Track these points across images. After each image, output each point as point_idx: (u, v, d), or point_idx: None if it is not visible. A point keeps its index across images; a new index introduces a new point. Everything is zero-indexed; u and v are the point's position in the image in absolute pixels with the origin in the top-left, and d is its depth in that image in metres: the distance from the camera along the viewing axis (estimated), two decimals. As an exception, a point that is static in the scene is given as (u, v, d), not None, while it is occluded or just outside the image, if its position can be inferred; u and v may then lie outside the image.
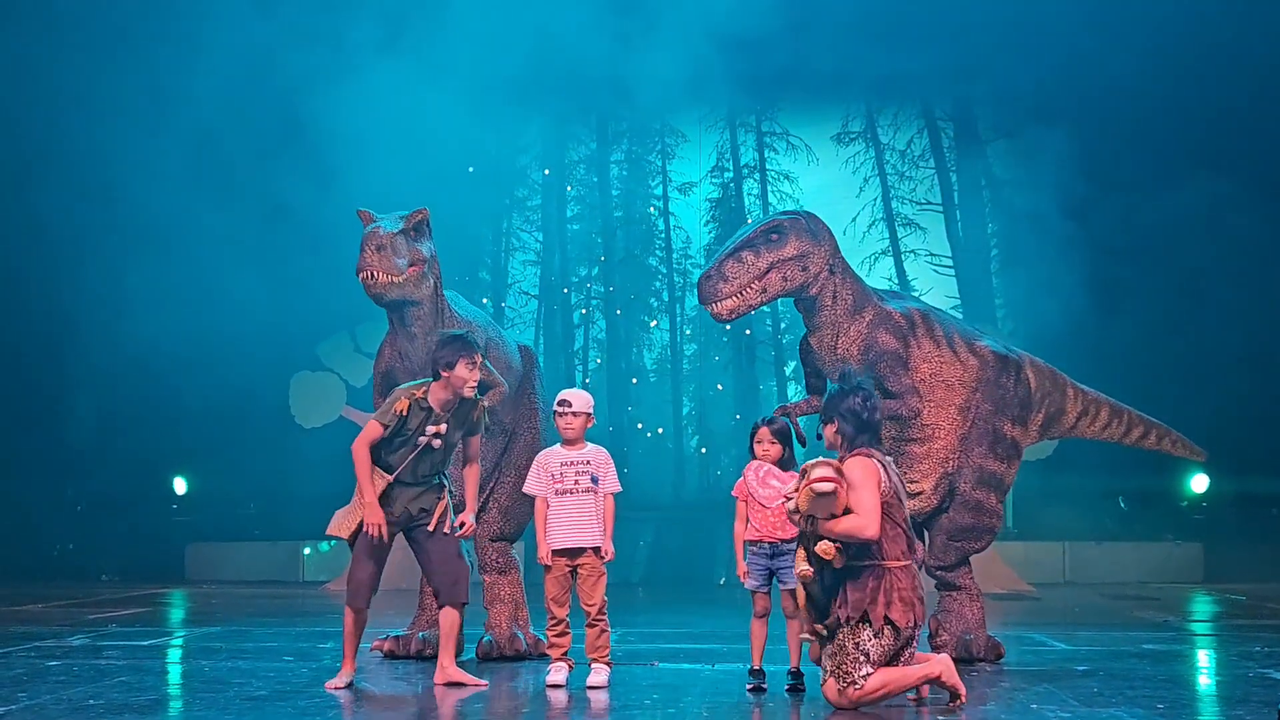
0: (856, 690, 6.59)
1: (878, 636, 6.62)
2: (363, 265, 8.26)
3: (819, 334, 8.79)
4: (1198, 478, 18.73)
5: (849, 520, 6.59)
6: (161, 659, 9.17)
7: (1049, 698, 6.94)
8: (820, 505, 6.58)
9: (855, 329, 8.72)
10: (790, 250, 8.55)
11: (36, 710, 6.56)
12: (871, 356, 8.65)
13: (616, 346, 21.91)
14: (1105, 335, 18.64)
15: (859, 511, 6.60)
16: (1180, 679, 8.27)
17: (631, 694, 7.21)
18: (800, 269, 8.58)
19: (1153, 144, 17.61)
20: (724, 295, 8.46)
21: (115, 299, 17.26)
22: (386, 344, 9.00)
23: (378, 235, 8.31)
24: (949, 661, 6.77)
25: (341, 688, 7.41)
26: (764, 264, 8.48)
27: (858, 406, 6.95)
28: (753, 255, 8.48)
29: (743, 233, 8.72)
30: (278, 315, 17.28)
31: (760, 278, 8.48)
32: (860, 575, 6.70)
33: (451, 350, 7.56)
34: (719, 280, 8.47)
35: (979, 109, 20.99)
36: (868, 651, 6.61)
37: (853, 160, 21.72)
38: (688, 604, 14.10)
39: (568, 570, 7.67)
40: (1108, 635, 10.47)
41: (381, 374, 8.96)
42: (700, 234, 22.23)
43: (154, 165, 17.10)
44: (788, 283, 8.56)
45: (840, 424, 6.95)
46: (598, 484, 7.71)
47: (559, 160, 22.41)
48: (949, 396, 8.78)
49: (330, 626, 11.37)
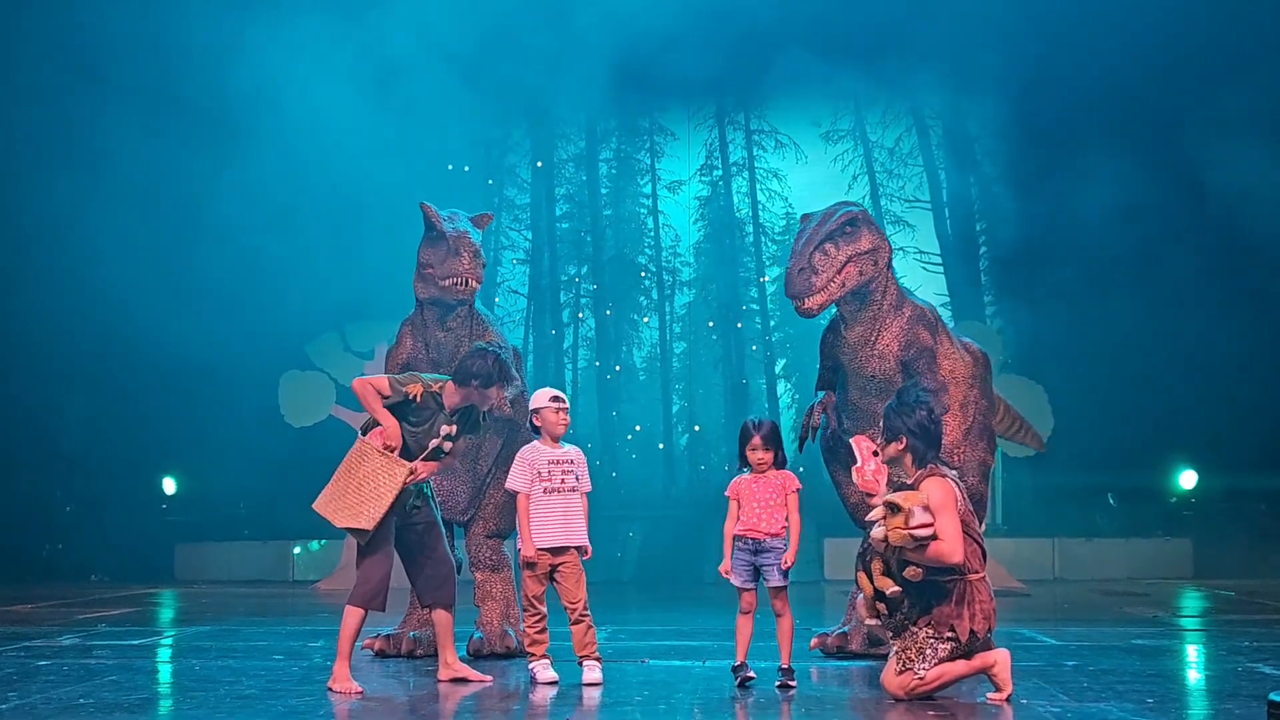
0: (918, 681, 6.68)
1: (951, 642, 6.70)
2: (458, 271, 8.38)
3: (859, 328, 8.71)
4: (1186, 474, 18.81)
5: (936, 548, 6.61)
6: (152, 658, 9.17)
7: (1038, 692, 6.95)
8: (912, 544, 6.59)
9: (898, 324, 8.69)
10: (865, 244, 8.53)
11: (27, 710, 6.55)
12: (912, 353, 8.64)
13: (606, 345, 21.94)
14: (1094, 333, 18.71)
15: (944, 537, 6.61)
16: (1169, 673, 8.29)
17: (622, 690, 7.21)
18: (872, 263, 8.56)
19: (1145, 139, 17.61)
20: (816, 289, 8.36)
21: (106, 300, 17.23)
22: (408, 334, 9.04)
23: (473, 242, 8.53)
24: (1007, 656, 6.80)
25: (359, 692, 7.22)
26: (843, 257, 8.43)
27: (926, 421, 6.96)
28: (834, 248, 8.43)
29: (815, 223, 8.60)
30: (267, 314, 17.27)
31: (840, 271, 8.43)
32: (942, 589, 6.75)
33: (494, 372, 7.53)
34: (811, 273, 8.36)
35: (968, 106, 21.01)
36: (939, 652, 6.70)
37: (841, 158, 21.80)
38: (678, 601, 14.12)
39: (549, 568, 7.67)
40: (1097, 631, 10.49)
41: (401, 364, 8.99)
42: (690, 232, 22.29)
43: (151, 159, 17.12)
44: (861, 276, 8.52)
45: (910, 441, 6.93)
46: (579, 483, 7.72)
47: (548, 159, 22.42)
48: (955, 393, 8.78)
49: (320, 625, 11.37)
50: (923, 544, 6.58)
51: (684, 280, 22.39)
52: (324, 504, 7.44)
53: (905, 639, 6.79)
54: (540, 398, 7.78)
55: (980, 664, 6.77)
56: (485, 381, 7.50)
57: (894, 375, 8.69)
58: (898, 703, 6.67)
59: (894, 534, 6.59)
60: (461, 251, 8.39)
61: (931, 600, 6.75)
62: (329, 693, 7.16)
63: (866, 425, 8.80)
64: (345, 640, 7.37)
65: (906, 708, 6.54)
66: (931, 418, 6.99)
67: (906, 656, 6.74)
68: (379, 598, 7.42)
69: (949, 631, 6.71)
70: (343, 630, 7.39)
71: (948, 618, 6.72)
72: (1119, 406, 18.53)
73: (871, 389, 8.75)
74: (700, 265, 22.34)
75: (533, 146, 22.50)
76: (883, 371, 8.68)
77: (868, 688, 7.35)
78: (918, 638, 6.75)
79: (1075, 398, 18.27)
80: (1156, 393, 18.26)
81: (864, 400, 8.82)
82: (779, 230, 22.18)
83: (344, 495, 7.38)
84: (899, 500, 6.62)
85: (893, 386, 8.68)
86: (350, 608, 7.41)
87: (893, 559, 6.74)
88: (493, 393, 7.57)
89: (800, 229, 8.73)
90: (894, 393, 8.66)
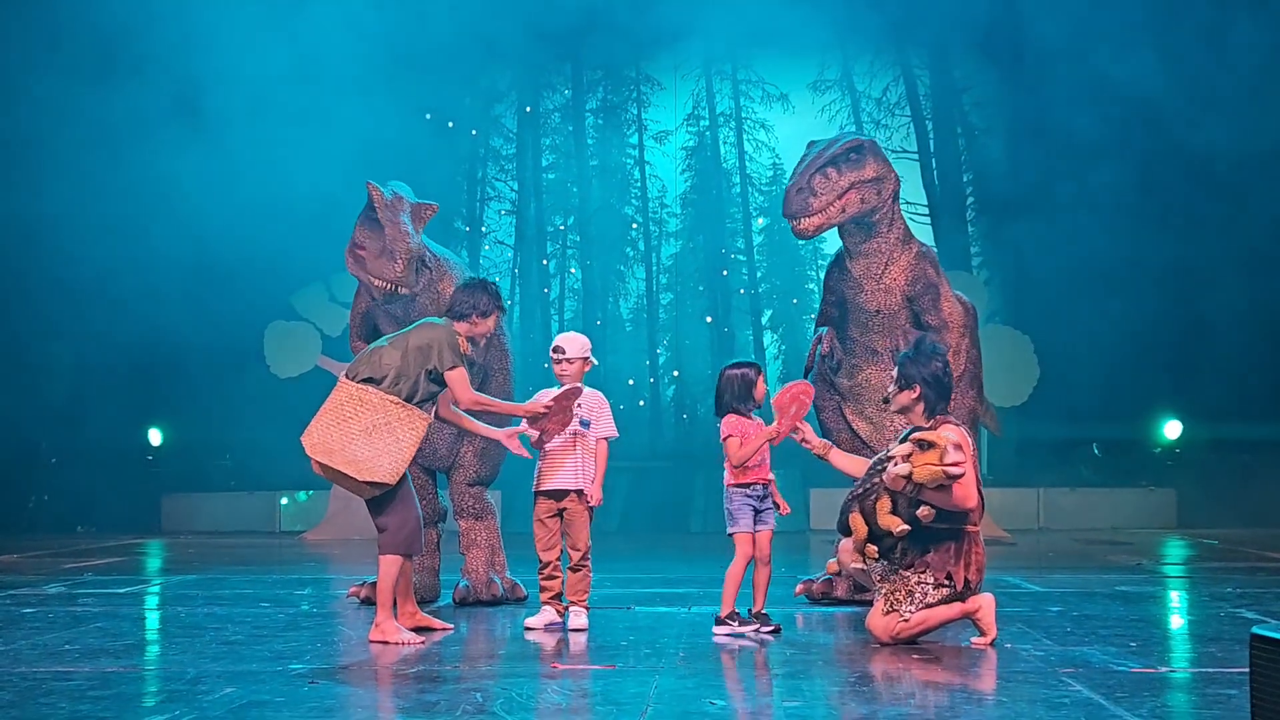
0: (903, 624, 6.72)
1: (942, 589, 6.74)
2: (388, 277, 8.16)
3: (865, 260, 8.63)
4: (1171, 424, 18.87)
5: (958, 490, 6.60)
6: (138, 606, 9.17)
7: (1022, 637, 6.98)
8: (940, 482, 6.57)
9: (905, 259, 8.62)
10: (870, 172, 8.43)
11: (12, 655, 6.55)
12: (919, 289, 8.60)
13: (592, 296, 21.92)
14: (1080, 284, 18.73)
15: (960, 484, 6.61)
16: (1152, 618, 8.34)
17: (608, 635, 7.23)
18: (875, 192, 8.45)
19: (1133, 88, 17.54)
20: (813, 210, 8.28)
21: (91, 252, 17.14)
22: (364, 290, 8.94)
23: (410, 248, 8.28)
24: (991, 601, 6.82)
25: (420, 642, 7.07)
26: (845, 183, 8.33)
27: (940, 372, 6.95)
28: (836, 173, 8.33)
29: (820, 148, 8.51)
30: (252, 265, 17.19)
31: (841, 196, 8.33)
32: (941, 537, 6.76)
33: (487, 300, 7.41)
34: (809, 194, 8.27)
35: (956, 56, 20.94)
36: (927, 598, 6.73)
37: (829, 108, 21.71)
38: (663, 551, 14.15)
39: (555, 513, 7.67)
40: (1080, 578, 10.54)
41: (361, 314, 8.96)
42: (676, 182, 22.22)
43: (139, 118, 17.02)
44: (864, 204, 8.41)
45: (924, 390, 6.93)
46: (588, 428, 7.69)
47: (534, 109, 22.31)
48: (950, 338, 8.74)
49: (306, 574, 11.41)
50: (947, 485, 6.57)
51: (670, 231, 22.35)
52: (325, 451, 7.02)
53: (894, 582, 6.81)
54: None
55: (965, 609, 6.80)
56: (483, 311, 7.41)
57: (898, 310, 8.65)
58: (883, 647, 6.70)
59: (922, 470, 6.55)
60: (397, 258, 8.17)
61: (929, 545, 6.76)
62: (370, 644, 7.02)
63: (866, 363, 8.78)
64: (386, 591, 7.15)
65: (891, 652, 6.57)
66: (946, 370, 6.99)
67: (895, 599, 6.77)
68: (415, 541, 7.27)
69: (945, 579, 6.73)
70: (382, 581, 7.15)
71: (944, 564, 6.74)
72: (1104, 357, 18.57)
73: (874, 325, 8.71)
74: (687, 216, 22.29)
75: (519, 96, 22.38)
76: (887, 306, 8.64)
77: (853, 633, 7.38)
78: (909, 581, 6.77)
79: (1061, 348, 18.30)
80: (1142, 343, 18.28)
81: (865, 336, 8.78)
82: (766, 181, 22.15)
83: (350, 444, 7.01)
84: (932, 437, 6.61)
85: (895, 322, 8.65)
86: (388, 557, 7.16)
87: (902, 500, 6.71)
88: (492, 324, 7.49)
89: (804, 154, 8.66)
90: (894, 329, 8.67)
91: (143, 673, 6.16)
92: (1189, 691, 5.57)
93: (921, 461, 6.56)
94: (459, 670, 6.17)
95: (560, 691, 5.57)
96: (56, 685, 5.69)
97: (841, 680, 5.86)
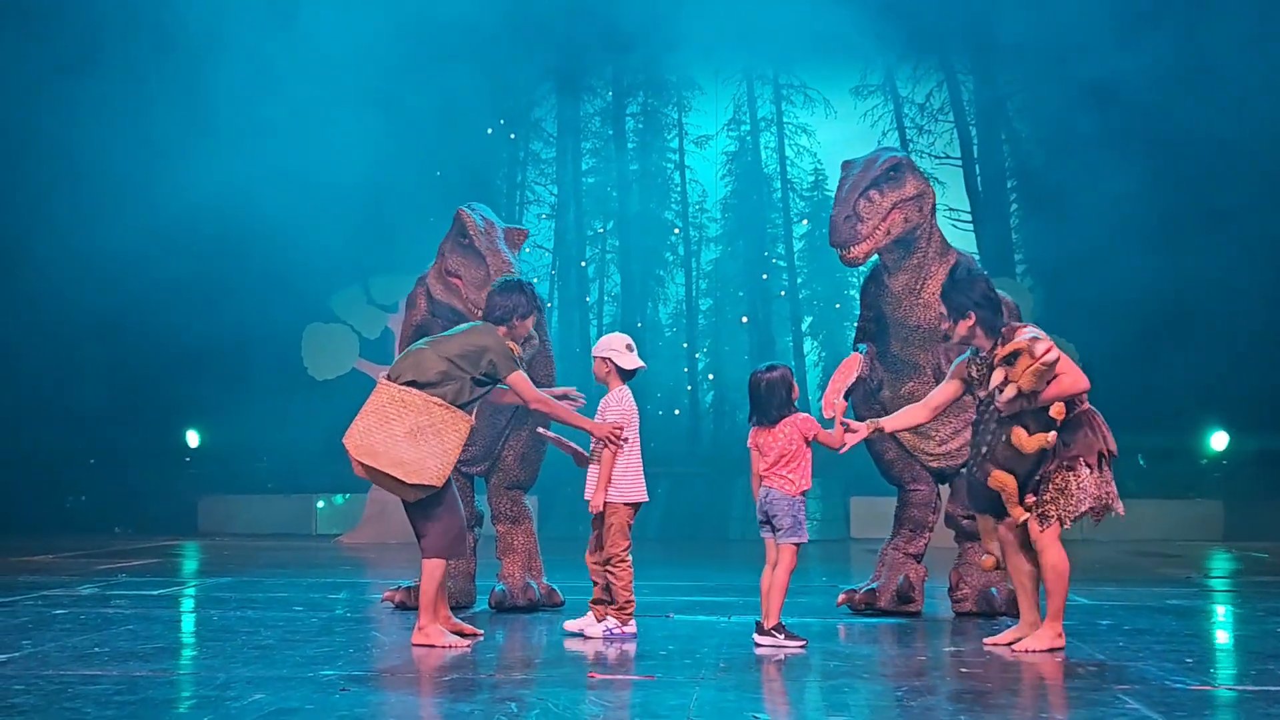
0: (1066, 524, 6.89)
1: (1098, 470, 6.88)
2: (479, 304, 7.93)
3: (904, 276, 8.47)
4: (1218, 435, 18.58)
5: (1069, 375, 6.70)
6: (170, 608, 9.05)
7: (1074, 651, 6.79)
8: (1044, 378, 6.63)
9: (943, 272, 8.42)
10: (910, 190, 8.31)
11: (40, 658, 6.44)
12: None
13: (631, 300, 21.77)
14: (1126, 291, 18.44)
15: (1063, 369, 6.68)
16: (1205, 633, 8.12)
17: (646, 644, 7.08)
18: (917, 210, 8.34)
19: (1178, 90, 17.29)
20: (862, 237, 8.12)
21: (128, 251, 17.12)
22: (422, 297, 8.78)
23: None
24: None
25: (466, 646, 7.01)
26: (888, 204, 8.20)
27: (987, 291, 7.00)
28: (879, 195, 8.19)
29: (859, 170, 8.35)
30: (290, 267, 17.13)
31: (885, 218, 8.20)
32: (1072, 429, 6.84)
33: (525, 302, 7.29)
34: (856, 221, 8.12)
35: (1000, 62, 20.70)
36: (1087, 489, 6.87)
37: (871, 113, 21.48)
38: (701, 558, 13.95)
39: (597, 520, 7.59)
40: (1130, 591, 10.31)
41: (415, 326, 8.80)
42: (716, 188, 22.05)
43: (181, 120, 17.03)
44: (907, 224, 8.29)
45: (979, 314, 6.95)
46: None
47: (574, 114, 22.19)
48: None
49: (341, 578, 11.28)
50: (1053, 375, 6.62)
51: (711, 236, 22.18)
52: (370, 453, 6.86)
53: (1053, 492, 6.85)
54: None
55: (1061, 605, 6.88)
56: (522, 314, 7.28)
57: (938, 324, 8.47)
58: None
59: (1026, 377, 6.61)
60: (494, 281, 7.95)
61: (1068, 442, 6.84)
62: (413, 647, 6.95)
63: (908, 377, 8.61)
64: (430, 595, 7.06)
65: (939, 664, 6.38)
66: (991, 287, 7.03)
67: (1045, 511, 6.85)
68: (460, 545, 7.19)
69: (1096, 460, 6.86)
70: (425, 585, 7.06)
71: (1092, 447, 6.86)
72: (1150, 366, 18.27)
73: (914, 339, 8.55)
74: (727, 221, 22.12)
75: (559, 101, 22.26)
76: (927, 321, 8.47)
77: (896, 645, 7.21)
78: (1068, 483, 6.86)
79: (1106, 357, 17.93)
80: (1189, 353, 17.97)
81: (905, 351, 8.62)
82: (807, 186, 21.96)
83: (395, 446, 6.87)
84: (1010, 347, 6.67)
85: (936, 337, 8.49)
86: (432, 561, 7.05)
87: (1029, 417, 6.77)
88: (530, 325, 7.36)
89: (843, 176, 8.47)
90: (934, 342, 8.49)
91: (171, 678, 6.03)
92: (1250, 711, 5.35)
93: (1019, 372, 6.60)
94: (494, 678, 6.02)
95: (597, 702, 5.42)
96: (83, 690, 5.58)
97: (889, 696, 5.67)
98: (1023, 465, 6.90)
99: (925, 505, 8.93)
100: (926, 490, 8.95)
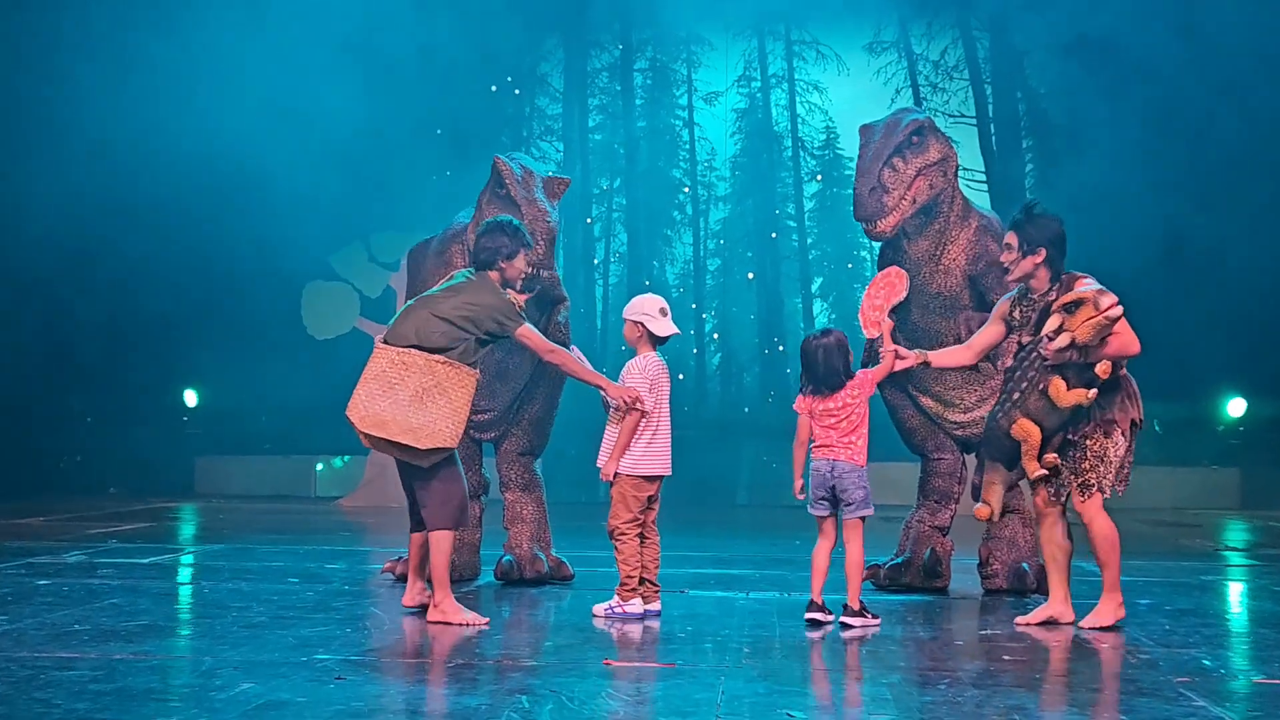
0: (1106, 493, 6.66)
1: (1129, 436, 6.67)
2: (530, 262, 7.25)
3: (924, 242, 8.00)
4: (1235, 402, 18.23)
5: (1120, 340, 6.45)
6: (159, 579, 8.60)
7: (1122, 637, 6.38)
8: (1102, 333, 6.38)
9: (965, 236, 8.02)
10: (934, 154, 7.87)
11: (15, 636, 6.03)
12: (981, 266, 7.99)
13: (638, 260, 21.33)
14: (1141, 257, 18.00)
15: (1121, 330, 6.45)
16: (1254, 615, 7.67)
17: (663, 624, 6.68)
18: (941, 174, 7.90)
19: (1202, 51, 16.82)
20: (889, 209, 7.67)
21: (126, 209, 16.72)
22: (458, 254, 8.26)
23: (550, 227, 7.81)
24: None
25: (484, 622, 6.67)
26: (913, 170, 7.76)
27: (1061, 232, 6.73)
28: (902, 163, 7.73)
29: (880, 135, 7.86)
30: (290, 224, 16.71)
31: (909, 186, 7.75)
32: (1110, 391, 6.61)
33: (508, 242, 6.87)
34: (882, 192, 7.65)
35: (1017, 19, 20.18)
36: (1119, 446, 6.64)
37: (884, 71, 20.95)
38: (707, 525, 13.51)
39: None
40: (1160, 565, 9.88)
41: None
42: (726, 145, 21.56)
43: (174, 64, 16.59)
44: (932, 190, 7.86)
45: (1050, 252, 6.68)
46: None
47: (581, 69, 21.69)
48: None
49: (340, 545, 10.86)
50: (1110, 333, 6.37)
51: (719, 195, 21.70)
52: (377, 423, 6.50)
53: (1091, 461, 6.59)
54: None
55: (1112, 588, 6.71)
56: (508, 255, 6.86)
57: (960, 291, 8.06)
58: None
59: (1084, 329, 6.34)
60: (538, 239, 7.49)
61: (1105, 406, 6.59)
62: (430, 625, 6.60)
63: (928, 345, 8.16)
64: (443, 569, 6.70)
65: (981, 653, 5.96)
66: (1063, 230, 6.73)
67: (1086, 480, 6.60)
68: (464, 514, 6.80)
69: (1130, 426, 6.64)
70: (436, 558, 6.68)
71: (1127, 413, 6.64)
72: (1166, 332, 17.83)
73: (934, 307, 8.11)
74: (737, 180, 21.64)
75: (566, 56, 21.75)
76: (948, 288, 8.03)
77: (930, 626, 6.81)
78: (1105, 450, 6.60)
79: (1122, 323, 17.61)
80: (1205, 319, 17.59)
81: (925, 319, 8.18)
82: (818, 145, 21.47)
83: (402, 412, 6.50)
84: (1074, 296, 6.39)
85: (958, 304, 8.08)
86: (440, 533, 6.69)
87: (1072, 372, 6.49)
88: (520, 261, 6.91)
89: (862, 143, 7.97)
90: (956, 310, 8.05)
91: (153, 662, 5.58)
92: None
93: (1078, 322, 6.31)
94: (501, 664, 5.60)
95: (615, 695, 4.99)
96: (56, 676, 5.15)
97: (932, 689, 5.21)
98: (1051, 419, 6.59)
99: (950, 475, 8.55)
100: (951, 459, 8.56)
